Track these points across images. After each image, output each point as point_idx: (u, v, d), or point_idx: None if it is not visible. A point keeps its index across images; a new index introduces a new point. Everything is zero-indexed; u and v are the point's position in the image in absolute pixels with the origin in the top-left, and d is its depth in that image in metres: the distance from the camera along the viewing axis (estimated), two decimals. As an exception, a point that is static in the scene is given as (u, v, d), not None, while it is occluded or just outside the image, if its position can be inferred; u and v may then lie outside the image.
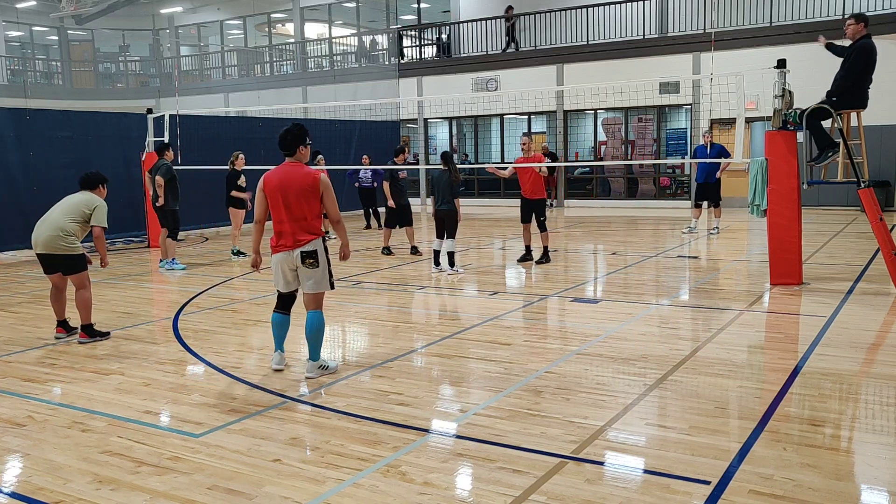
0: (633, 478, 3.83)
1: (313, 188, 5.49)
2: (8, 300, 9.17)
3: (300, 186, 5.47)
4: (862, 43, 8.32)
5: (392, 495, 3.65)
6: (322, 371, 5.65)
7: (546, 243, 11.08)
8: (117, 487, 3.82)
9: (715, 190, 14.15)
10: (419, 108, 24.21)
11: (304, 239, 5.50)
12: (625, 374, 5.56)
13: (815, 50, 10.21)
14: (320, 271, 5.58)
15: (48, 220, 6.85)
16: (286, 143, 5.62)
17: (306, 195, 5.48)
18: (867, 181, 8.38)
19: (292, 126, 5.68)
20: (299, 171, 5.54)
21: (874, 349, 6.27)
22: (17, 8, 30.24)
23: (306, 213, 5.49)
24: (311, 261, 5.51)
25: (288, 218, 5.50)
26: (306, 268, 5.53)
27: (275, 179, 5.55)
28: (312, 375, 5.60)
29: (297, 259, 5.53)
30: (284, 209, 5.49)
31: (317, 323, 5.63)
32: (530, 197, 10.84)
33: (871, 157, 11.51)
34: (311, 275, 5.56)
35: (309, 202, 5.49)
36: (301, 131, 5.65)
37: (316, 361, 5.67)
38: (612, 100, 19.52)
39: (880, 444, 4.17)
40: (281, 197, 5.49)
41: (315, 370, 5.64)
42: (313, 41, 30.22)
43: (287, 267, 5.60)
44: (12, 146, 12.97)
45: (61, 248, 6.78)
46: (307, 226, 5.51)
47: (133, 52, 36.04)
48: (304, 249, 5.50)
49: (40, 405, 5.14)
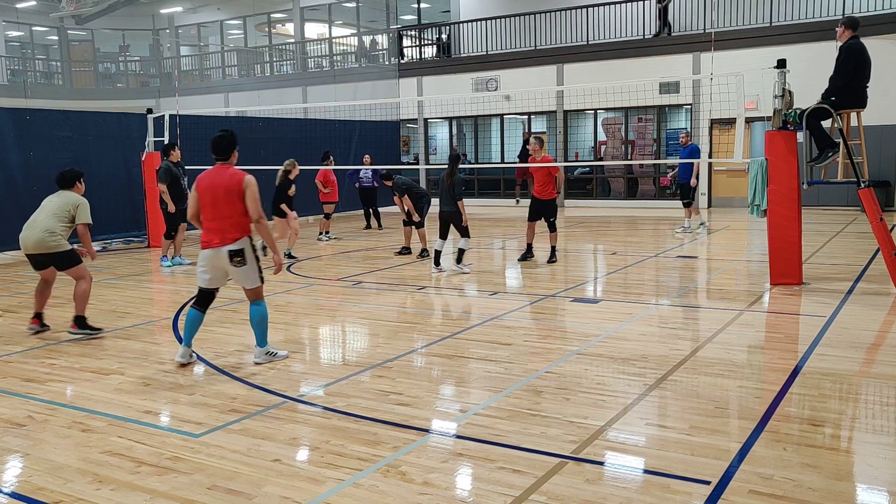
0: (633, 478, 3.83)
1: (237, 188, 5.78)
2: (8, 300, 9.17)
3: (226, 187, 5.79)
4: (849, 44, 8.36)
5: (392, 495, 3.65)
6: (269, 357, 6.03)
7: (554, 243, 11.17)
8: (117, 487, 3.82)
9: (687, 189, 14.43)
10: (419, 108, 24.21)
11: (232, 237, 5.78)
12: (625, 374, 5.56)
13: (815, 50, 10.21)
14: (248, 268, 5.86)
15: (36, 224, 7.00)
16: (221, 148, 5.93)
17: (232, 195, 5.78)
18: (867, 181, 8.38)
19: (226, 132, 6.01)
20: (227, 172, 5.87)
21: (874, 349, 6.27)
22: (17, 8, 30.23)
23: (232, 212, 5.78)
24: (237, 259, 5.79)
25: (216, 216, 5.81)
26: (234, 266, 5.80)
27: (206, 181, 5.90)
28: (260, 361, 5.99)
29: (224, 257, 5.79)
30: (213, 208, 5.82)
31: (259, 313, 5.98)
32: (540, 197, 10.96)
33: (871, 157, 11.50)
34: (239, 273, 5.85)
35: (234, 202, 5.78)
36: (234, 137, 6.01)
37: (263, 347, 6.04)
38: (612, 100, 19.53)
39: (880, 444, 4.17)
40: (210, 197, 5.82)
41: (262, 356, 6.02)
42: (313, 41, 30.21)
43: (215, 264, 5.87)
44: (12, 146, 12.96)
45: (51, 247, 6.95)
46: (234, 224, 5.79)
47: (133, 52, 36.01)
48: (231, 248, 5.77)
49: (40, 405, 5.15)
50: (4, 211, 12.86)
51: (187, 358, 6.02)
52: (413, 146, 25.42)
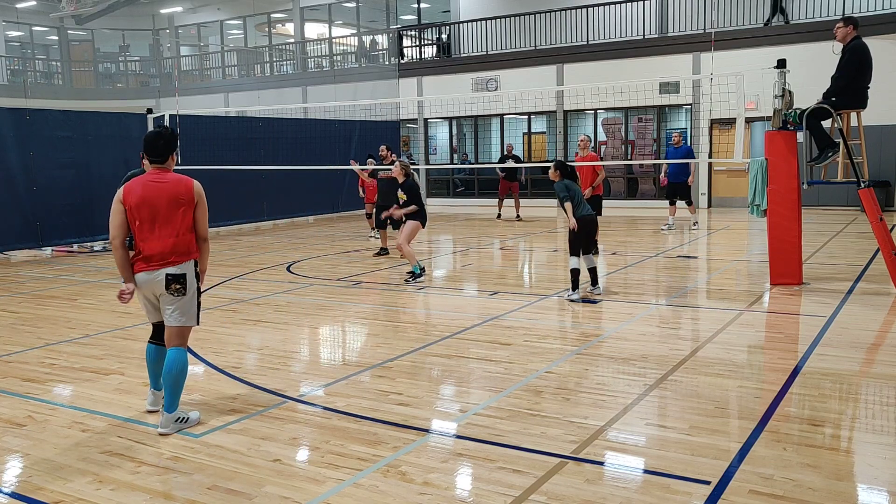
0: (633, 478, 3.83)
1: (188, 197, 4.63)
2: (8, 300, 9.17)
3: (171, 197, 4.59)
4: (853, 44, 8.36)
5: (392, 495, 3.65)
6: (180, 425, 4.58)
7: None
8: (117, 487, 3.82)
9: (685, 189, 14.86)
10: (419, 108, 24.22)
11: (174, 260, 4.57)
12: (625, 374, 5.56)
13: (815, 50, 10.21)
14: (188, 300, 4.63)
15: None
16: (158, 149, 4.66)
17: (180, 206, 4.60)
18: (867, 181, 8.38)
19: (163, 129, 4.82)
20: (169, 179, 4.64)
21: (874, 349, 6.27)
22: (17, 8, 30.23)
23: (178, 228, 4.59)
24: (177, 286, 4.56)
25: (156, 235, 4.56)
26: (170, 294, 4.56)
27: (138, 192, 4.58)
28: (167, 431, 4.52)
29: (160, 282, 4.56)
30: (152, 223, 4.57)
31: (178, 364, 4.60)
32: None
33: (871, 157, 11.51)
34: (175, 303, 4.60)
35: (183, 214, 4.61)
36: (174, 136, 4.79)
37: (173, 413, 4.58)
38: (612, 100, 19.53)
39: (880, 444, 4.17)
40: (148, 210, 4.56)
41: (171, 424, 4.55)
42: (313, 41, 30.22)
43: (149, 291, 4.65)
44: (12, 146, 12.96)
45: None
46: (179, 243, 4.59)
47: (133, 52, 36.01)
48: (170, 271, 4.54)
49: (40, 405, 5.14)
50: (4, 211, 12.86)
51: (158, 405, 4.87)
52: (413, 146, 25.42)
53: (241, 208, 17.24)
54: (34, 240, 13.37)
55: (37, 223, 13.32)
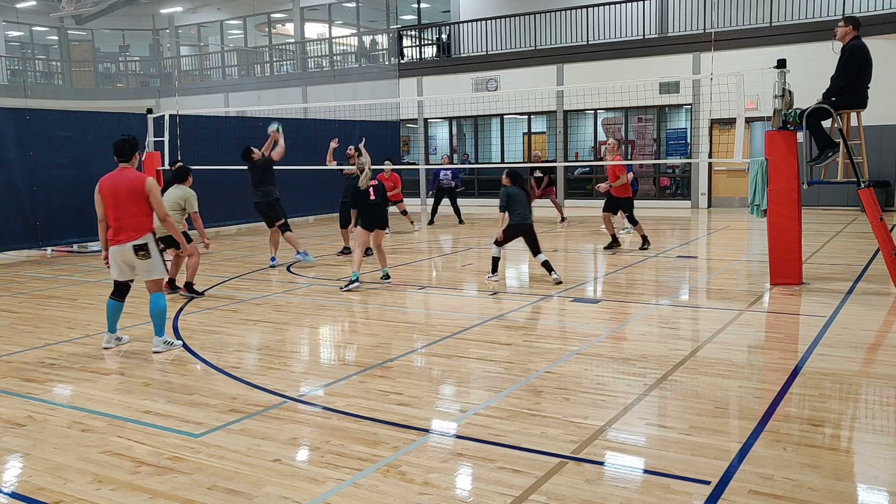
0: (633, 478, 3.83)
1: (140, 190, 6.30)
2: (8, 300, 9.17)
3: (129, 189, 6.28)
4: (853, 44, 8.35)
5: (392, 495, 3.65)
6: (167, 346, 6.47)
7: (642, 233, 12.36)
8: (117, 487, 3.82)
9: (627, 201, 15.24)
10: (419, 108, 24.21)
11: (136, 234, 6.29)
12: (625, 374, 5.56)
13: (815, 50, 10.21)
14: (154, 260, 6.39)
15: None
16: (124, 151, 6.41)
17: (135, 196, 6.29)
18: (867, 181, 8.38)
19: (129, 136, 6.49)
20: (130, 174, 6.36)
21: (874, 349, 6.27)
22: (17, 8, 30.22)
23: (136, 212, 6.29)
24: (142, 252, 6.31)
25: (121, 216, 6.28)
26: (139, 259, 6.33)
27: (108, 183, 6.35)
28: (159, 349, 6.43)
29: (129, 251, 6.30)
30: (117, 208, 6.29)
31: (158, 304, 6.44)
32: (615, 194, 12.22)
33: (871, 157, 11.51)
34: (144, 265, 6.37)
35: (138, 202, 6.30)
36: (136, 141, 6.54)
37: (161, 337, 6.49)
38: (612, 100, 19.51)
39: (880, 444, 4.17)
40: (113, 198, 6.29)
41: (161, 344, 6.46)
42: (313, 41, 30.21)
43: (122, 259, 6.38)
44: (12, 146, 12.96)
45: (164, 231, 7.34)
46: (138, 223, 6.30)
47: (133, 52, 36.00)
48: (135, 243, 6.29)
49: (40, 405, 5.15)
50: (4, 211, 12.86)
51: (113, 343, 6.63)
52: (413, 146, 25.42)
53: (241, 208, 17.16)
54: (34, 240, 13.38)
55: (37, 223, 13.31)
